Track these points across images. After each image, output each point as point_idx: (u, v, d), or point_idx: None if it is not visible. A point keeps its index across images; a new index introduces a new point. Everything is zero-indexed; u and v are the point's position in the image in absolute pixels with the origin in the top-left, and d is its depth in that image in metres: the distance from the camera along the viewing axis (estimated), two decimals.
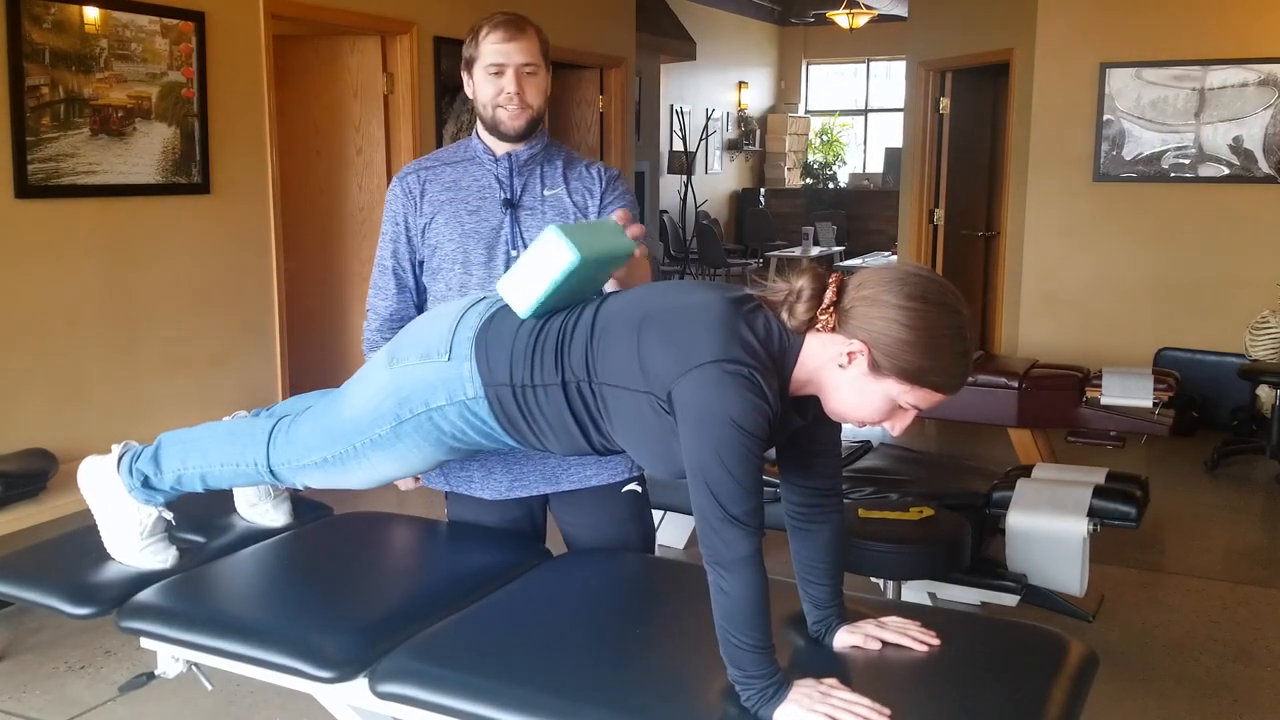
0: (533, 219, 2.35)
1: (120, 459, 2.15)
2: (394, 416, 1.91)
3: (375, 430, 1.93)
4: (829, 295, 1.66)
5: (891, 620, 1.85)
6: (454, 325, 1.91)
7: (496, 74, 2.29)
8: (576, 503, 2.38)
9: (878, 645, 1.80)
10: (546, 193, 2.37)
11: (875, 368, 1.62)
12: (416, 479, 2.43)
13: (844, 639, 1.82)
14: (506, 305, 1.91)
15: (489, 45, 2.29)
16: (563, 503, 2.40)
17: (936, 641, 1.81)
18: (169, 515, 2.19)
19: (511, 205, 2.34)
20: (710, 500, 1.59)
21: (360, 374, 2.04)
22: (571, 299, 1.91)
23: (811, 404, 1.76)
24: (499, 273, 2.30)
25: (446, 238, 2.35)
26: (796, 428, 1.79)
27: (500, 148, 2.36)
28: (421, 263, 2.40)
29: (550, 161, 2.40)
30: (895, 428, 1.70)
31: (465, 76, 2.36)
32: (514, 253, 2.32)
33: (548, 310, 1.88)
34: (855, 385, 1.66)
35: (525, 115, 2.30)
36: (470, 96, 2.36)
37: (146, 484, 2.12)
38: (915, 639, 1.81)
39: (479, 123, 2.38)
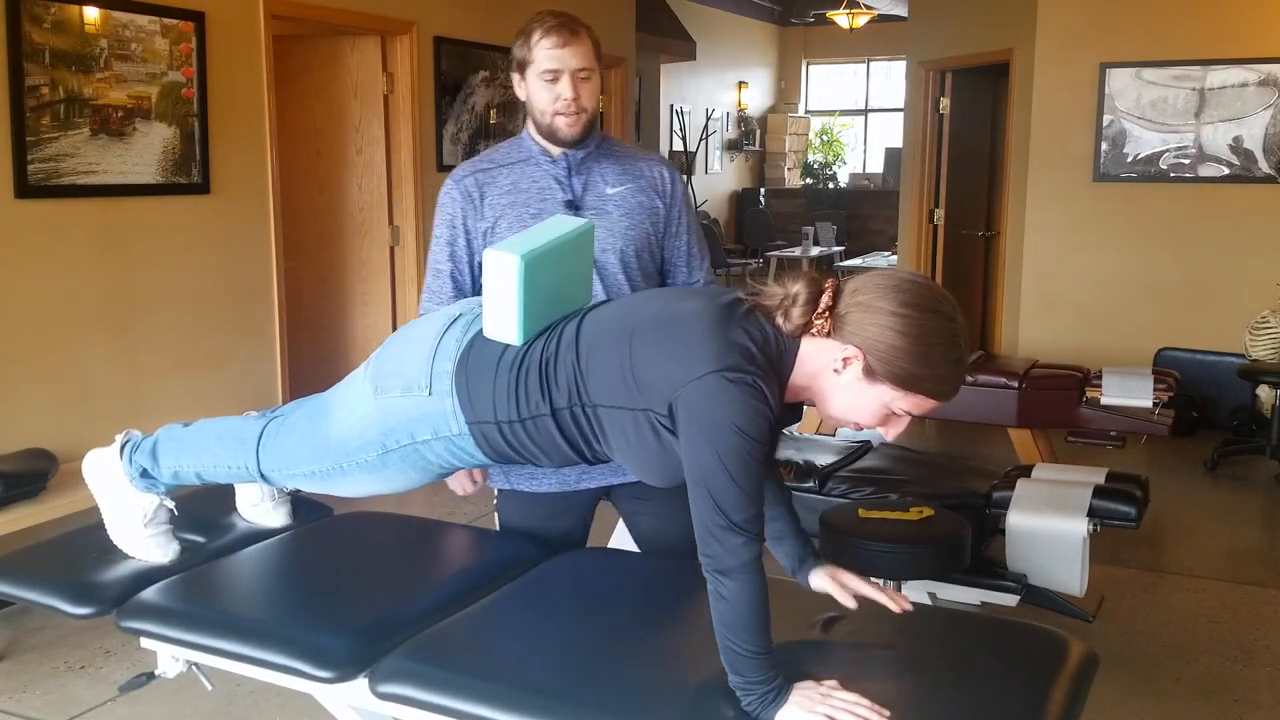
0: (599, 219, 2.29)
1: (122, 448, 2.16)
2: (380, 445, 1.89)
3: (362, 455, 1.91)
4: (825, 300, 1.66)
5: (864, 583, 1.89)
6: (432, 353, 1.87)
7: (552, 80, 2.25)
8: (641, 491, 2.30)
9: (850, 601, 1.85)
10: (609, 190, 2.33)
11: (870, 373, 1.63)
12: (475, 481, 2.43)
13: (818, 581, 1.88)
14: (481, 331, 1.87)
15: (543, 50, 2.24)
16: (627, 492, 2.36)
17: (910, 605, 1.85)
18: (170, 504, 2.19)
19: (574, 206, 2.31)
20: (712, 507, 1.59)
21: (345, 390, 1.99)
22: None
23: (804, 408, 1.77)
24: None
25: None
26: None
27: (556, 148, 2.33)
28: (480, 264, 2.33)
29: (608, 156, 2.36)
30: (889, 433, 1.71)
31: (516, 78, 2.32)
32: None
33: (542, 327, 1.84)
34: (850, 390, 1.66)
35: (582, 121, 2.28)
36: (522, 99, 2.32)
37: (145, 475, 2.13)
38: (889, 598, 1.85)
39: (531, 124, 2.34)
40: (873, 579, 1.89)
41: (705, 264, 2.46)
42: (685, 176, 13.04)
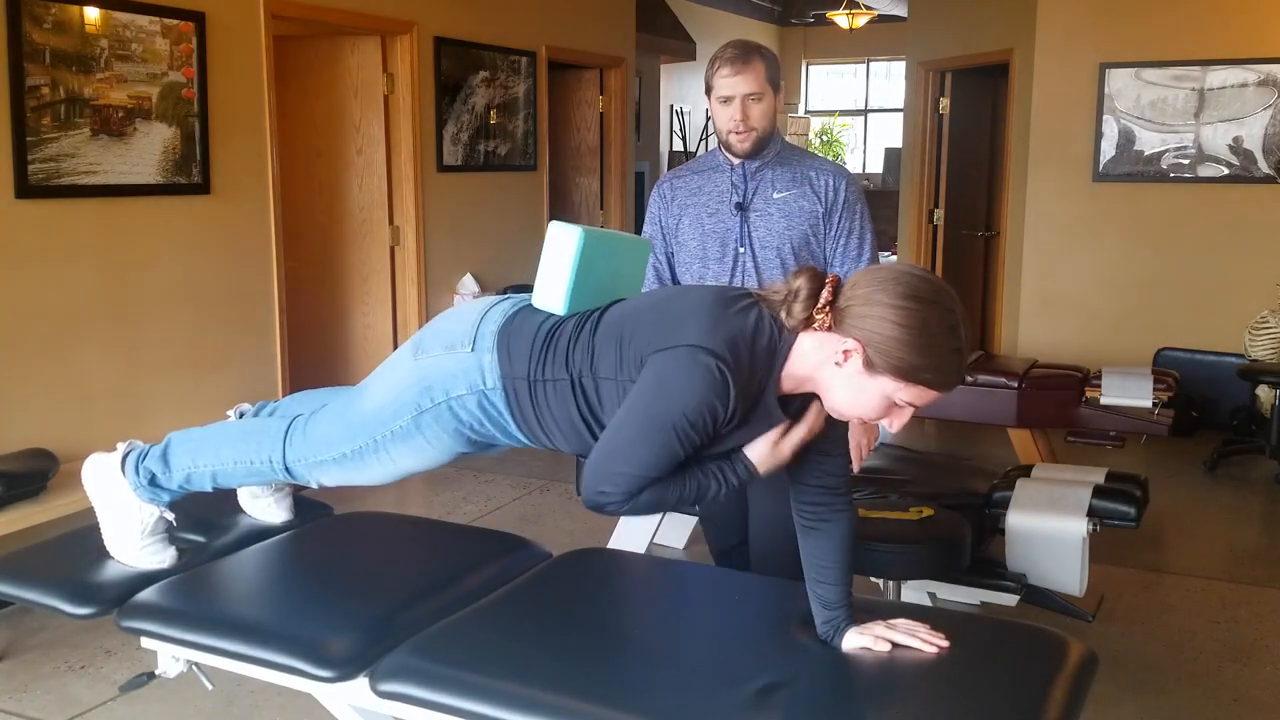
0: (761, 220, 2.65)
1: (125, 457, 2.16)
2: (415, 406, 1.94)
3: (396, 422, 1.96)
4: (825, 295, 1.69)
5: (900, 622, 1.86)
6: (479, 319, 1.96)
7: (725, 103, 2.60)
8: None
9: (887, 647, 1.81)
10: (775, 195, 2.64)
11: (870, 365, 1.65)
12: None
13: (853, 640, 1.83)
14: (529, 304, 1.97)
15: (719, 79, 2.60)
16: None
17: (945, 643, 1.82)
18: (170, 516, 2.20)
19: (742, 208, 2.64)
20: (622, 455, 1.69)
21: (382, 369, 2.08)
22: (607, 296, 1.95)
23: (807, 400, 1.78)
24: (730, 268, 2.66)
25: (690, 236, 2.72)
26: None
27: (735, 158, 2.68)
28: (672, 255, 2.76)
29: (783, 165, 2.68)
30: (893, 425, 1.73)
31: (707, 99, 2.68)
32: (742, 250, 2.62)
33: (584, 305, 1.93)
34: (851, 383, 1.68)
35: (752, 137, 2.62)
36: (711, 117, 2.66)
37: (153, 482, 2.13)
38: (924, 640, 1.82)
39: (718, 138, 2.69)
40: (901, 621, 1.87)
41: (864, 259, 2.70)
42: None
